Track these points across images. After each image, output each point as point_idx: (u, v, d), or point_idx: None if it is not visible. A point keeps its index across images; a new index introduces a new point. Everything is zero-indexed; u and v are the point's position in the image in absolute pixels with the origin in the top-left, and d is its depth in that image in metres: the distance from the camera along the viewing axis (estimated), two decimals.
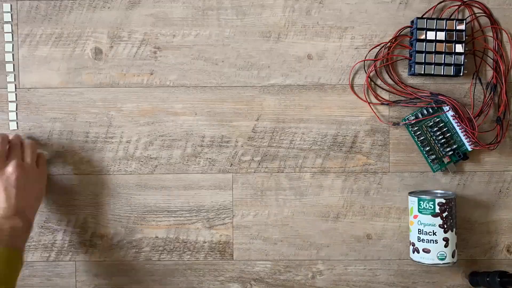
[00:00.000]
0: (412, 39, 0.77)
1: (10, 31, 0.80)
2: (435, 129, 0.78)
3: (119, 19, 0.80)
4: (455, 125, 0.78)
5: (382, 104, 0.79)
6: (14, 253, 0.68)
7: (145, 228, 0.81)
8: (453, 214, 0.75)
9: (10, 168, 0.72)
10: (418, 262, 0.76)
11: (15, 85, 0.80)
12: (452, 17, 0.78)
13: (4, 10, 0.80)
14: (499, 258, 0.81)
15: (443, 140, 0.78)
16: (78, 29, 0.80)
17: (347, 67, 0.80)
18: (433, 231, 0.74)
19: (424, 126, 0.79)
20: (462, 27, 0.76)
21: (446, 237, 0.74)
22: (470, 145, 0.78)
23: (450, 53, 0.76)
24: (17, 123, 0.80)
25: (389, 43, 0.79)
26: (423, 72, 0.77)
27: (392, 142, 0.80)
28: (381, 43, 0.79)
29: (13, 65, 0.80)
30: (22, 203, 0.72)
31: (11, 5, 0.80)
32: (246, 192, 0.81)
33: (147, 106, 0.80)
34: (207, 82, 0.80)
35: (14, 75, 0.80)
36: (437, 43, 0.76)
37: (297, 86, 0.80)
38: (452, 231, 0.75)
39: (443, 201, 0.74)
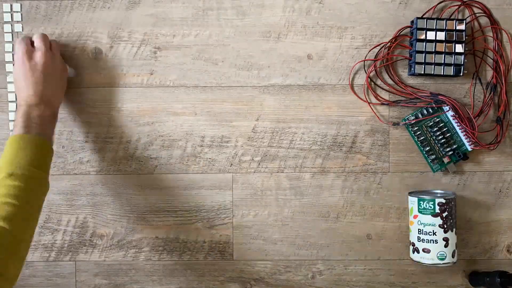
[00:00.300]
0: (412, 39, 0.77)
1: (10, 31, 0.80)
2: (435, 129, 0.78)
3: (119, 19, 0.80)
4: (455, 125, 0.78)
5: (382, 104, 0.79)
6: (44, 141, 0.70)
7: (145, 228, 0.81)
8: (453, 214, 0.75)
9: (39, 54, 0.73)
10: (418, 262, 0.76)
11: None
12: (452, 17, 0.78)
13: (4, 10, 0.80)
14: (499, 258, 0.81)
15: (443, 140, 0.78)
16: (78, 29, 0.80)
17: (347, 67, 0.80)
18: (433, 231, 0.74)
19: (424, 126, 0.79)
20: (462, 27, 0.76)
21: (446, 237, 0.74)
22: (470, 145, 0.78)
23: (450, 53, 0.76)
24: None
25: (389, 43, 0.79)
26: (423, 72, 0.77)
27: (392, 142, 0.80)
28: (381, 43, 0.79)
29: (13, 65, 0.80)
30: (48, 90, 0.72)
31: (11, 5, 0.80)
32: (246, 192, 0.81)
33: (147, 106, 0.80)
34: (207, 82, 0.80)
35: None
36: (437, 43, 0.76)
37: (297, 86, 0.80)
38: (452, 231, 0.75)
39: (443, 201, 0.74)
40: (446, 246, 0.74)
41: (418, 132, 0.79)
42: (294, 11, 0.79)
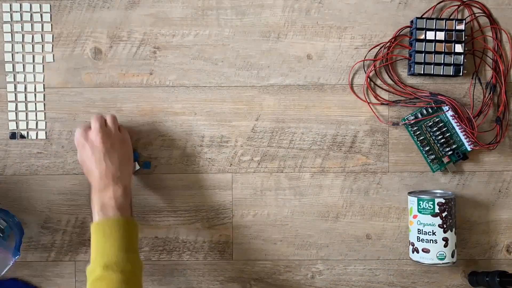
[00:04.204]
0: (411, 39, 0.77)
1: (10, 31, 0.80)
2: (435, 129, 0.78)
3: (119, 19, 0.80)
4: (454, 125, 0.78)
5: (382, 104, 0.79)
6: (125, 221, 0.69)
7: (145, 228, 0.81)
8: (453, 214, 0.75)
9: (94, 133, 0.72)
10: (418, 262, 0.76)
11: (15, 85, 0.80)
12: (452, 17, 0.78)
13: (3, 10, 0.80)
14: (498, 258, 0.81)
15: (442, 140, 0.78)
16: (78, 29, 0.80)
17: (347, 67, 0.80)
18: (433, 231, 0.74)
19: (423, 126, 0.79)
20: (461, 27, 0.76)
21: (445, 237, 0.74)
22: (469, 145, 0.78)
23: (449, 53, 0.76)
24: (16, 123, 0.80)
25: (389, 43, 0.79)
26: (422, 72, 0.77)
27: (391, 142, 0.80)
28: (381, 43, 0.79)
29: (12, 65, 0.80)
30: (113, 167, 0.71)
31: (10, 5, 0.80)
32: (246, 192, 0.81)
33: (147, 106, 0.80)
34: (206, 82, 0.80)
35: (14, 75, 0.80)
36: (437, 43, 0.76)
37: (297, 86, 0.80)
38: (451, 231, 0.75)
39: (443, 201, 0.75)
40: (445, 246, 0.74)
41: (418, 132, 0.79)
42: (294, 11, 0.79)
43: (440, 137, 0.78)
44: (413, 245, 0.77)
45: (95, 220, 0.69)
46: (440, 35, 0.76)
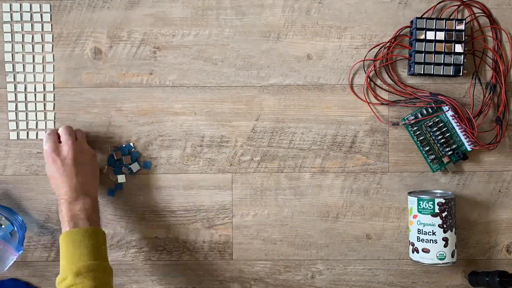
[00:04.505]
0: (411, 39, 0.77)
1: (10, 31, 0.80)
2: (435, 129, 0.78)
3: (119, 19, 0.80)
4: (454, 125, 0.78)
5: (382, 104, 0.79)
6: (94, 230, 0.71)
7: (145, 228, 0.81)
8: (453, 214, 0.75)
9: (66, 147, 0.73)
10: (418, 262, 0.76)
11: (15, 85, 0.80)
12: (452, 17, 0.78)
13: (3, 10, 0.80)
14: (498, 258, 0.81)
15: (442, 140, 0.78)
16: (78, 29, 0.80)
17: (347, 67, 0.80)
18: (433, 231, 0.74)
19: (423, 126, 0.79)
20: (461, 27, 0.76)
21: (445, 237, 0.74)
22: (469, 145, 0.78)
23: (449, 53, 0.76)
24: (16, 123, 0.80)
25: (389, 43, 0.79)
26: (422, 72, 0.77)
27: (391, 142, 0.80)
28: (381, 43, 0.79)
29: (12, 65, 0.80)
30: (84, 180, 0.73)
31: (10, 5, 0.80)
32: (246, 192, 0.81)
33: (147, 106, 0.80)
34: (206, 82, 0.80)
35: (14, 75, 0.80)
36: (437, 43, 0.76)
37: (297, 86, 0.80)
38: (451, 231, 0.75)
39: (443, 201, 0.75)
40: (445, 246, 0.74)
41: (418, 132, 0.79)
42: (294, 11, 0.79)
43: (440, 137, 0.78)
44: (413, 245, 0.77)
45: (65, 229, 0.70)
46: (440, 35, 0.76)
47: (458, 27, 0.76)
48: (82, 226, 0.70)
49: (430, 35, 0.76)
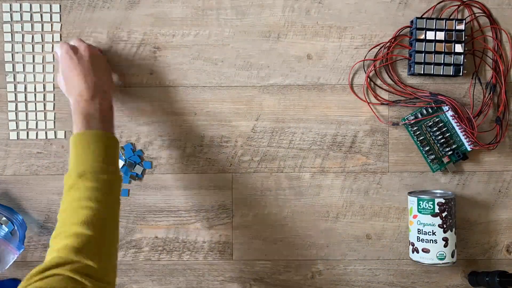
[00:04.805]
0: (411, 39, 0.77)
1: (10, 31, 0.80)
2: (435, 129, 0.78)
3: (119, 19, 0.80)
4: (454, 125, 0.78)
5: (382, 104, 0.79)
6: (108, 134, 0.68)
7: (144, 228, 0.81)
8: (453, 214, 0.75)
9: (82, 47, 0.72)
10: (418, 262, 0.76)
11: (15, 85, 0.80)
12: (452, 17, 0.78)
13: (3, 10, 0.80)
14: (498, 258, 0.81)
15: (442, 140, 0.78)
16: (78, 29, 0.80)
17: (347, 67, 0.80)
18: (433, 231, 0.74)
19: (423, 126, 0.79)
20: (461, 27, 0.76)
21: (445, 237, 0.74)
22: (469, 145, 0.78)
23: (449, 53, 0.76)
24: (16, 123, 0.80)
25: (389, 43, 0.79)
26: (422, 72, 0.77)
27: (391, 142, 0.80)
28: (381, 43, 0.79)
29: (12, 65, 0.80)
30: (100, 81, 0.71)
31: (10, 5, 0.80)
32: (246, 192, 0.81)
33: (147, 106, 0.80)
34: (206, 82, 0.80)
35: (14, 75, 0.80)
36: (437, 43, 0.76)
37: (297, 86, 0.80)
38: (451, 231, 0.75)
39: (443, 201, 0.75)
40: (445, 246, 0.74)
41: (418, 132, 0.79)
42: (294, 11, 0.79)
43: (440, 137, 0.78)
44: (413, 245, 0.77)
45: (77, 130, 0.67)
46: (440, 35, 0.76)
47: (458, 27, 0.76)
48: (95, 127, 0.67)
49: (430, 35, 0.76)
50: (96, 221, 0.61)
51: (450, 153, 0.78)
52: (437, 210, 0.74)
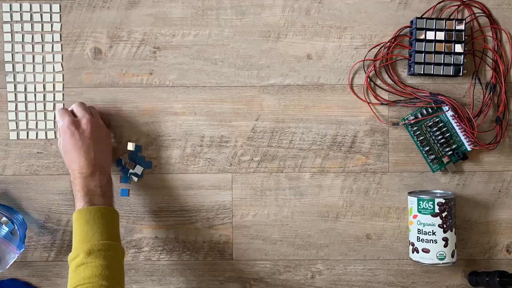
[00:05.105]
0: (411, 39, 0.77)
1: (10, 31, 0.80)
2: (435, 129, 0.78)
3: (119, 19, 0.80)
4: (454, 125, 0.78)
5: (382, 104, 0.79)
6: (109, 209, 0.71)
7: (144, 228, 0.81)
8: (453, 214, 0.75)
9: (84, 120, 0.73)
10: (418, 262, 0.76)
11: (15, 85, 0.80)
12: (452, 17, 0.78)
13: (3, 10, 0.80)
14: (498, 258, 0.81)
15: (442, 140, 0.78)
16: (78, 29, 0.80)
17: (347, 67, 0.80)
18: (433, 231, 0.74)
19: (423, 126, 0.79)
20: (461, 27, 0.76)
21: (445, 237, 0.74)
22: (469, 145, 0.78)
23: (449, 53, 0.76)
24: (16, 123, 0.80)
25: (389, 43, 0.79)
26: (422, 72, 0.77)
27: (391, 142, 0.80)
28: (381, 43, 0.79)
29: (12, 65, 0.80)
30: (100, 156, 0.72)
31: (10, 5, 0.80)
32: (246, 192, 0.81)
33: (147, 106, 0.80)
34: (206, 82, 0.80)
35: (14, 75, 0.80)
36: (437, 43, 0.76)
37: (297, 86, 0.80)
38: (451, 231, 0.75)
39: (443, 201, 0.75)
40: (445, 246, 0.74)
41: (418, 132, 0.79)
42: (294, 11, 0.79)
43: (440, 137, 0.78)
44: (413, 245, 0.77)
45: (79, 206, 0.69)
46: (440, 35, 0.76)
47: (458, 27, 0.76)
48: (97, 203, 0.69)
49: (430, 35, 0.76)
50: None
51: (450, 153, 0.78)
52: (437, 210, 0.74)
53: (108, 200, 0.71)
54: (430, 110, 0.78)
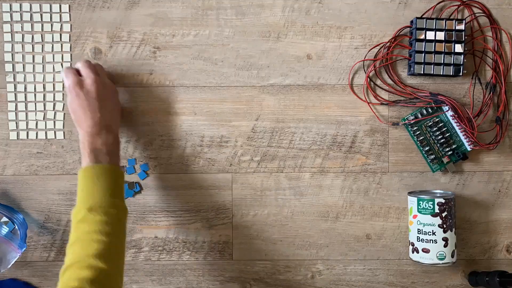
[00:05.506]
0: (411, 39, 0.77)
1: (10, 31, 0.80)
2: (435, 129, 0.78)
3: (119, 19, 0.80)
4: (454, 125, 0.78)
5: (382, 104, 0.80)
6: (115, 168, 0.70)
7: (144, 228, 0.81)
8: (453, 214, 0.75)
9: (89, 81, 0.72)
10: (418, 262, 0.76)
11: (15, 85, 0.80)
12: (452, 17, 0.78)
13: (3, 10, 0.80)
14: (498, 258, 0.81)
15: (442, 140, 0.78)
16: (78, 29, 0.80)
17: (347, 67, 0.80)
18: (433, 231, 0.74)
19: (423, 126, 0.79)
20: (461, 27, 0.76)
21: (445, 237, 0.74)
22: (469, 145, 0.78)
23: (449, 53, 0.76)
24: (16, 123, 0.80)
25: (389, 43, 0.79)
26: (422, 72, 0.77)
27: (391, 142, 0.80)
28: (381, 43, 0.79)
29: (12, 65, 0.80)
30: (107, 116, 0.72)
31: (10, 5, 0.80)
32: (246, 192, 0.81)
33: (147, 106, 0.80)
34: (206, 82, 0.80)
35: (14, 75, 0.80)
36: (437, 43, 0.76)
37: (297, 86, 0.80)
38: (451, 231, 0.75)
39: (443, 201, 0.75)
40: (445, 246, 0.74)
41: (418, 132, 0.79)
42: (294, 11, 0.79)
43: (440, 137, 0.78)
44: (413, 245, 0.77)
45: (85, 164, 0.69)
46: (440, 35, 0.76)
47: (458, 27, 0.76)
48: (103, 161, 0.69)
49: (430, 35, 0.76)
50: (108, 255, 0.64)
51: (450, 153, 0.78)
52: (437, 210, 0.74)
53: (113, 158, 0.71)
54: (430, 110, 0.78)
